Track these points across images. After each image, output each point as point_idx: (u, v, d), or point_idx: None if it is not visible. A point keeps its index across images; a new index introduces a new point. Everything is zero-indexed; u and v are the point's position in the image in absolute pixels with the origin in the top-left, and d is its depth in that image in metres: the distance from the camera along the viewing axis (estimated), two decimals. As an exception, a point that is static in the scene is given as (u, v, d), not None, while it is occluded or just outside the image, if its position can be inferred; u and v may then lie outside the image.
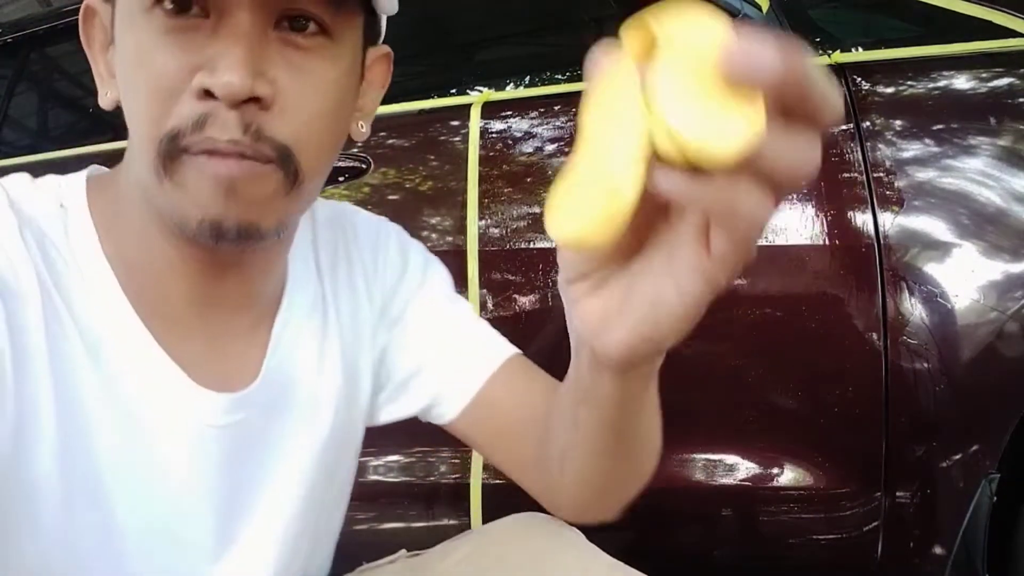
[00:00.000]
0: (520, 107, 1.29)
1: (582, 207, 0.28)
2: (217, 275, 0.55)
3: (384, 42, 0.60)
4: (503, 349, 0.68)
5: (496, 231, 1.20)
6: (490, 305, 1.19)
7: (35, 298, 0.49)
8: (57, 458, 0.49)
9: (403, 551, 0.76)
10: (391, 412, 0.71)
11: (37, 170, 0.59)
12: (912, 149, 1.07)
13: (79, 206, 0.54)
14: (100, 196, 0.55)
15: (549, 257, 1.17)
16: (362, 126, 0.58)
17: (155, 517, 0.54)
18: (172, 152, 0.47)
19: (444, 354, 0.68)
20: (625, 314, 0.35)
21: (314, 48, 0.49)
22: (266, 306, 0.61)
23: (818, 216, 1.07)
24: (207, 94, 0.46)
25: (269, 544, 0.60)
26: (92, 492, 0.51)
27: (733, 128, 0.25)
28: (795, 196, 1.09)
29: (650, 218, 0.32)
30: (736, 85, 0.25)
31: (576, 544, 0.64)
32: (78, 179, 0.56)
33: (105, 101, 0.53)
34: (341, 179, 1.31)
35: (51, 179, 0.56)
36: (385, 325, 0.69)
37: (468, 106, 1.29)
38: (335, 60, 0.51)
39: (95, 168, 0.58)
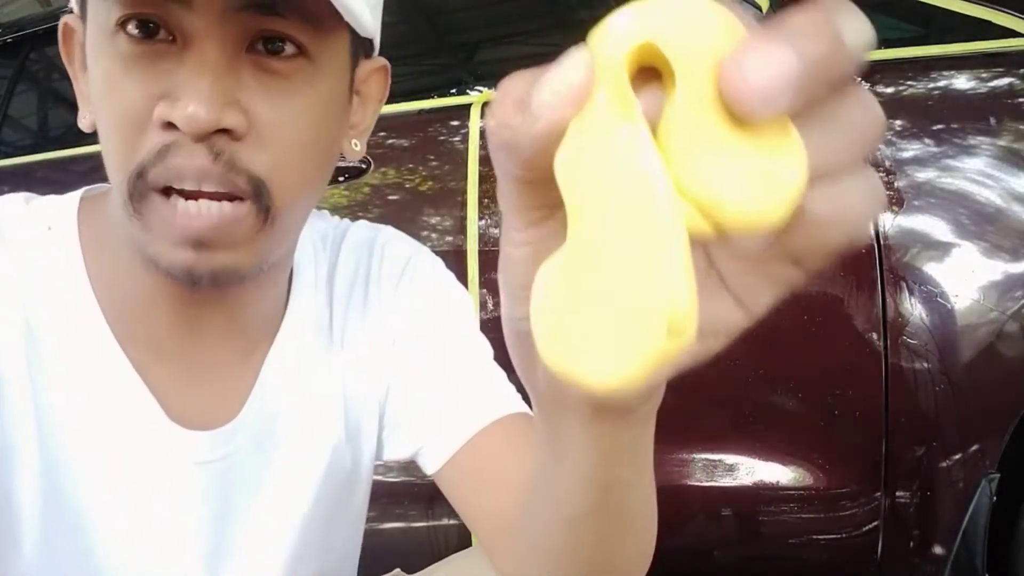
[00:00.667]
0: (520, 107, 1.29)
1: (617, 340, 0.19)
2: (199, 305, 0.52)
3: (384, 42, 0.55)
4: (504, 403, 0.59)
5: (496, 231, 1.20)
6: (490, 305, 1.19)
7: (14, 325, 0.47)
8: (38, 488, 0.48)
9: (398, 570, 0.75)
10: (391, 452, 0.65)
11: (37, 170, 0.58)
12: (912, 149, 1.07)
13: (68, 228, 0.51)
14: (90, 217, 0.52)
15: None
16: (356, 144, 0.53)
17: (138, 551, 0.52)
18: (141, 190, 0.44)
19: (438, 400, 0.61)
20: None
21: (292, 72, 0.45)
22: (261, 332, 0.57)
23: (818, 216, 1.07)
24: (170, 126, 0.42)
25: (260, 572, 0.58)
26: (72, 523, 0.49)
27: (781, 184, 0.19)
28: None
29: None
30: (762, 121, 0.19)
31: None
32: (72, 199, 0.53)
33: (84, 124, 0.49)
34: (341, 179, 1.31)
35: (47, 200, 0.53)
36: (397, 359, 0.63)
37: (468, 106, 1.29)
38: (316, 83, 0.46)
39: (96, 187, 0.55)
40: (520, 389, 0.54)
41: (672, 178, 0.19)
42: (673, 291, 0.18)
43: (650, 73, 0.20)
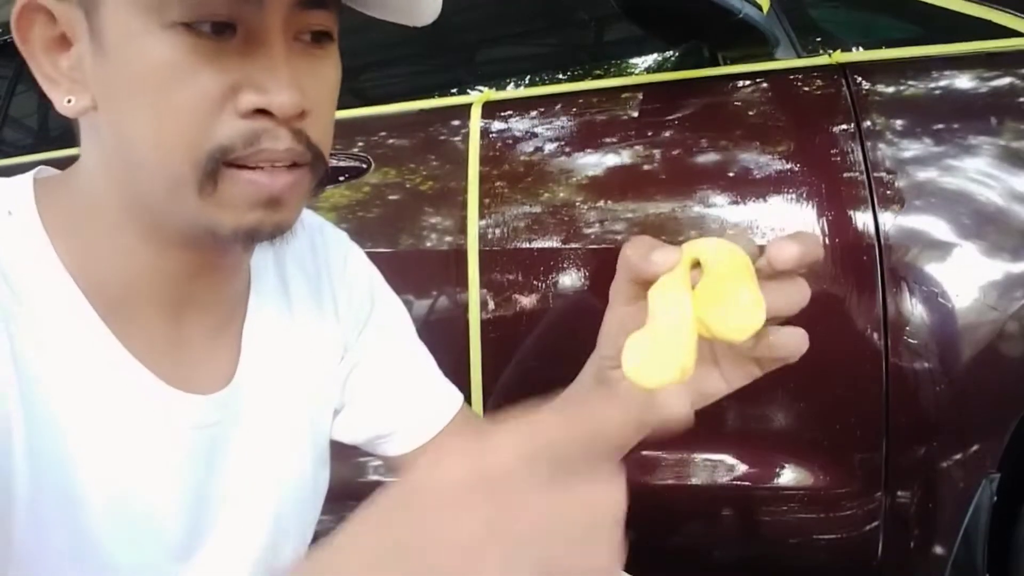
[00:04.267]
0: (520, 107, 1.29)
1: (660, 366, 0.42)
2: (193, 276, 0.55)
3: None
4: (456, 397, 0.74)
5: (496, 231, 1.20)
6: (490, 305, 1.19)
7: None
8: (27, 466, 0.48)
9: None
10: (343, 433, 0.72)
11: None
12: (912, 149, 1.07)
13: (28, 212, 0.52)
14: (52, 201, 0.53)
15: (549, 257, 1.17)
16: None
17: (128, 519, 0.53)
18: (214, 168, 0.47)
19: (407, 393, 0.72)
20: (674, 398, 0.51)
21: (326, 55, 0.51)
22: (232, 307, 0.61)
23: (818, 216, 1.08)
24: (258, 112, 0.47)
25: (243, 543, 0.60)
26: (61, 489, 0.50)
27: (745, 326, 0.42)
28: (796, 196, 1.09)
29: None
30: (751, 296, 0.42)
31: None
32: (24, 183, 0.54)
33: (71, 109, 0.50)
34: (342, 179, 1.31)
35: None
36: (352, 350, 0.70)
37: (468, 106, 1.29)
38: (336, 60, 0.53)
39: (42, 170, 0.56)
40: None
41: (694, 310, 0.42)
42: (685, 355, 0.41)
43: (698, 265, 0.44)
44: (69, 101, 0.50)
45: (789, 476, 1.12)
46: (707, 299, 0.42)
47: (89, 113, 0.50)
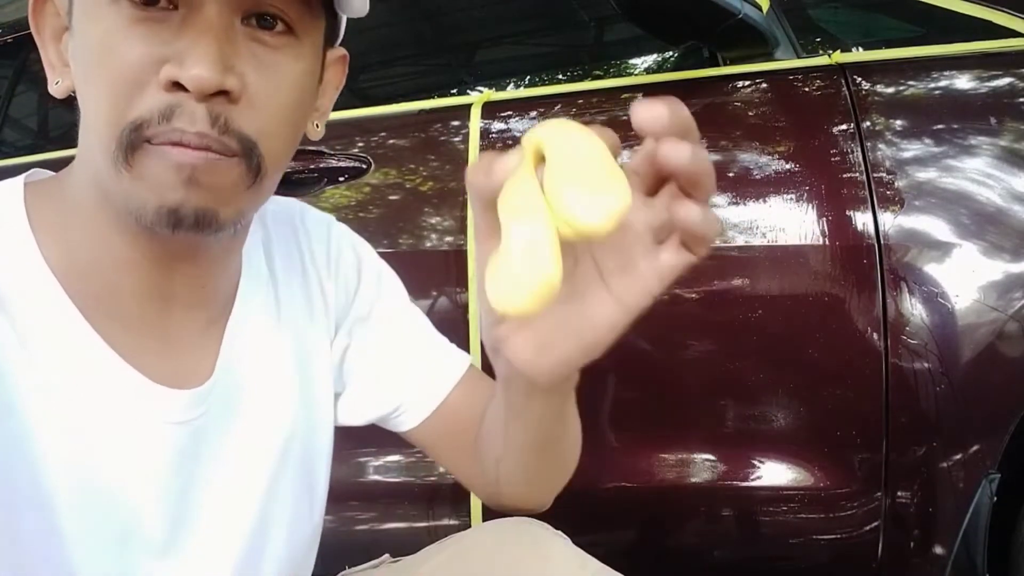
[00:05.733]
0: (520, 107, 1.29)
1: (521, 285, 0.35)
2: (169, 269, 0.55)
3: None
4: (462, 359, 0.72)
5: (496, 231, 1.20)
6: (490, 305, 1.19)
7: None
8: None
9: (387, 555, 0.76)
10: (350, 417, 0.71)
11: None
12: (912, 149, 1.07)
13: (15, 212, 0.53)
14: (41, 201, 0.54)
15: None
16: (318, 125, 0.59)
17: (102, 517, 0.53)
18: (134, 142, 0.47)
19: (408, 364, 0.70)
20: (558, 343, 0.42)
21: (280, 46, 0.50)
22: (220, 305, 0.60)
23: (818, 216, 1.08)
24: (175, 86, 0.46)
25: (222, 543, 0.59)
26: (31, 496, 0.50)
27: (608, 207, 0.34)
28: (796, 197, 1.09)
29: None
30: (608, 172, 0.35)
31: (562, 550, 0.64)
32: (15, 184, 0.55)
33: (57, 89, 0.52)
34: (342, 179, 1.31)
35: None
36: (344, 329, 0.70)
37: (468, 106, 1.29)
38: (299, 59, 0.51)
39: (35, 172, 0.57)
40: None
41: (548, 205, 0.35)
42: (548, 262, 0.34)
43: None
44: (57, 83, 0.52)
45: (789, 476, 1.12)
46: (558, 189, 0.34)
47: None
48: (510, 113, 1.28)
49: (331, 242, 0.70)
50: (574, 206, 0.34)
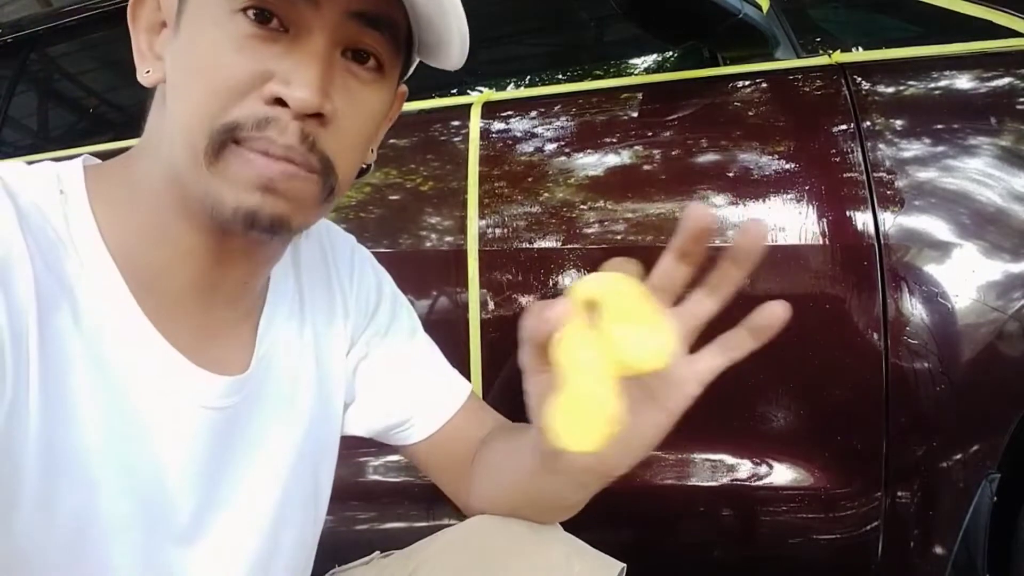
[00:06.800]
0: (520, 107, 1.29)
1: (591, 428, 0.40)
2: (224, 263, 0.57)
3: None
4: (464, 385, 0.78)
5: (496, 231, 1.20)
6: (490, 305, 1.19)
7: (28, 283, 0.49)
8: (38, 445, 0.49)
9: (377, 552, 0.77)
10: (356, 426, 0.75)
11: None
12: (912, 149, 1.07)
13: (78, 194, 0.55)
14: (101, 184, 0.56)
15: (549, 257, 1.17)
16: (373, 151, 0.64)
17: (137, 499, 0.54)
18: (223, 141, 0.50)
19: (422, 379, 0.75)
20: (609, 454, 0.46)
21: (369, 81, 0.55)
22: (253, 302, 0.64)
23: (818, 216, 1.08)
24: (277, 102, 0.50)
25: (242, 534, 0.61)
26: (75, 475, 0.51)
27: (663, 347, 0.41)
28: (796, 196, 1.09)
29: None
30: (655, 317, 0.42)
31: (553, 535, 0.66)
32: (75, 167, 0.57)
33: (147, 79, 0.55)
34: (341, 179, 1.31)
35: (47, 166, 0.56)
36: (362, 341, 0.73)
37: (468, 106, 1.29)
38: (381, 94, 0.56)
39: (88, 157, 0.59)
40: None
41: (606, 353, 0.41)
42: (609, 404, 0.41)
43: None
44: (147, 72, 0.55)
45: (789, 476, 1.12)
46: (616, 335, 0.41)
47: (160, 87, 0.55)
48: (510, 113, 1.28)
49: (354, 259, 0.75)
50: (638, 351, 0.41)
